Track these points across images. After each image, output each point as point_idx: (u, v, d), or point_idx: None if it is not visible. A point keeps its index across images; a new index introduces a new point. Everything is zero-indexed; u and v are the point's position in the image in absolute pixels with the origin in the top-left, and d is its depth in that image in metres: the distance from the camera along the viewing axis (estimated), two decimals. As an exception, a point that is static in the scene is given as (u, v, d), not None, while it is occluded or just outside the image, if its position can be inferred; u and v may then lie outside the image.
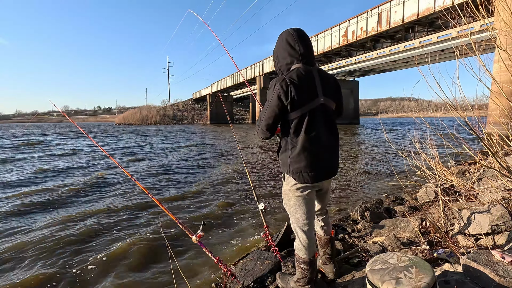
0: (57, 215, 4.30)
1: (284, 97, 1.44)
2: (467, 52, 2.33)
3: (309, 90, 1.49)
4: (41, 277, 2.67)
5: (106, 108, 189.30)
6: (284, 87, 1.43)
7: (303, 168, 1.50)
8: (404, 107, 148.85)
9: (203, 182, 6.49)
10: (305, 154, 1.49)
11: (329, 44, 26.94)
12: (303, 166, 1.49)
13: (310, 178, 1.52)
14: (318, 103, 1.51)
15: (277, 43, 1.63)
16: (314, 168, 1.51)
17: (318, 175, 1.54)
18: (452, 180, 2.94)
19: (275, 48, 1.64)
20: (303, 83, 1.47)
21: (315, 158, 1.51)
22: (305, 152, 1.49)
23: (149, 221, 4.06)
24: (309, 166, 1.50)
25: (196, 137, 21.77)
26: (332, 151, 1.59)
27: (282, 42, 1.58)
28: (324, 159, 1.55)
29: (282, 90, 1.44)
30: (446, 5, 15.64)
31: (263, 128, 1.57)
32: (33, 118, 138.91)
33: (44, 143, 17.11)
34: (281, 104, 1.46)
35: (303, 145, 1.48)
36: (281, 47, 1.59)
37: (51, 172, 7.81)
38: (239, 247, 3.19)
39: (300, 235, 1.63)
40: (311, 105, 1.49)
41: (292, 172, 1.53)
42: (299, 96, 1.45)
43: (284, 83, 1.44)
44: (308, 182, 1.53)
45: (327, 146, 1.55)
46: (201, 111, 71.40)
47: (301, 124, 1.48)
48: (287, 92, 1.43)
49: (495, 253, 1.55)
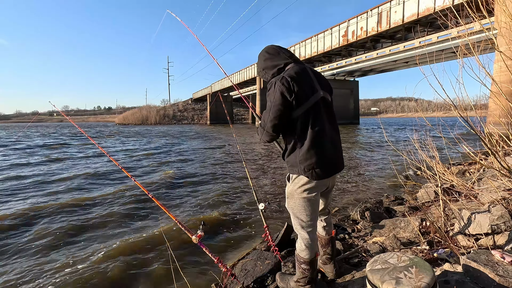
0: (57, 214, 4.30)
1: (288, 93, 1.43)
2: (467, 53, 2.33)
3: (309, 85, 1.51)
4: (40, 276, 2.67)
5: (106, 108, 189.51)
6: (286, 84, 1.43)
7: (315, 164, 1.48)
8: (404, 107, 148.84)
9: (203, 182, 6.48)
10: (315, 150, 1.48)
11: (329, 44, 26.94)
12: (314, 162, 1.47)
13: (322, 174, 1.50)
14: (319, 97, 1.52)
15: (259, 62, 1.67)
16: (325, 163, 1.50)
17: (329, 169, 1.54)
18: (452, 180, 2.94)
19: (259, 65, 1.67)
20: (302, 78, 1.49)
21: (324, 153, 1.50)
22: (314, 148, 1.48)
23: (149, 221, 4.06)
24: (320, 161, 1.49)
25: (197, 138, 21.76)
26: (336, 144, 1.61)
27: (265, 56, 1.63)
28: (331, 153, 1.54)
29: (284, 87, 1.43)
30: (446, 5, 15.66)
31: (270, 130, 1.52)
32: (33, 118, 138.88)
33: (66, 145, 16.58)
34: (286, 102, 1.44)
35: (311, 141, 1.47)
36: (267, 60, 1.63)
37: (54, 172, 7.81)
38: (239, 247, 3.19)
39: (303, 236, 1.62)
40: (313, 100, 1.49)
41: (304, 170, 1.49)
42: (302, 91, 1.45)
43: (284, 80, 1.44)
44: (321, 177, 1.51)
45: (332, 140, 1.56)
46: (201, 111, 71.39)
47: (307, 120, 1.48)
48: (289, 88, 1.43)
49: (495, 253, 1.55)
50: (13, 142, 18.73)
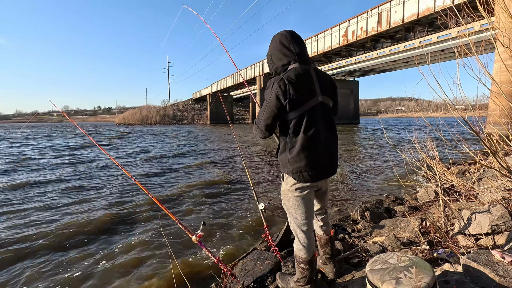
0: (56, 215, 4.30)
1: (283, 97, 1.43)
2: (467, 53, 2.32)
3: (308, 89, 1.49)
4: (37, 276, 2.67)
5: (106, 108, 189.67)
6: (283, 87, 1.43)
7: (303, 168, 1.50)
8: (404, 107, 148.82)
9: (203, 182, 6.48)
10: (305, 153, 1.48)
11: (329, 44, 26.95)
12: (303, 165, 1.49)
13: (310, 178, 1.52)
14: (317, 101, 1.51)
15: (270, 45, 1.62)
16: (314, 168, 1.51)
17: (317, 174, 1.54)
18: (452, 180, 2.94)
19: (269, 51, 1.63)
20: (301, 82, 1.47)
21: (315, 157, 1.51)
22: (305, 151, 1.48)
23: (149, 220, 4.06)
24: (309, 165, 1.50)
25: (198, 138, 21.76)
26: (331, 149, 1.59)
27: (276, 44, 1.57)
28: (323, 158, 1.54)
29: (280, 90, 1.43)
30: (446, 5, 15.66)
31: (262, 128, 1.55)
32: (33, 118, 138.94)
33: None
34: (279, 104, 1.45)
35: (302, 145, 1.48)
36: (275, 49, 1.58)
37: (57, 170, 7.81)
38: (239, 247, 3.19)
39: (299, 235, 1.64)
40: (310, 104, 1.49)
41: (292, 172, 1.52)
42: (298, 96, 1.45)
43: (282, 82, 1.43)
44: (308, 181, 1.53)
45: (326, 145, 1.55)
46: (201, 111, 71.38)
47: (300, 123, 1.48)
48: (285, 92, 1.43)
49: (495, 253, 1.55)
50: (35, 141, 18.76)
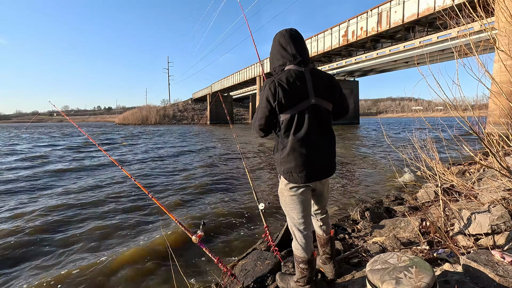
0: (57, 213, 4.30)
1: (272, 99, 1.47)
2: (467, 53, 2.32)
3: (298, 92, 1.49)
4: (37, 277, 2.67)
5: (106, 108, 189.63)
6: (272, 89, 1.46)
7: (293, 169, 1.52)
8: (404, 107, 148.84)
9: (203, 182, 6.48)
10: (295, 154, 1.50)
11: (329, 44, 26.95)
12: (293, 166, 1.51)
13: (300, 179, 1.53)
14: (308, 104, 1.51)
15: (272, 44, 1.64)
16: (304, 169, 1.51)
17: (308, 175, 1.54)
18: (452, 180, 2.94)
19: (271, 50, 1.66)
20: (292, 85, 1.48)
21: (305, 159, 1.51)
22: (295, 152, 1.50)
23: (149, 221, 4.06)
24: (299, 166, 1.50)
25: (198, 138, 21.76)
26: (324, 151, 1.57)
27: (275, 44, 1.61)
28: (315, 160, 1.53)
29: (270, 92, 1.46)
30: (446, 5, 15.65)
31: (257, 128, 1.60)
32: (33, 118, 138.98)
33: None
34: (269, 106, 1.49)
35: (292, 146, 1.50)
36: (274, 49, 1.61)
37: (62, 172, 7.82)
38: (239, 247, 3.19)
39: (296, 234, 1.64)
40: (300, 107, 1.49)
41: (283, 172, 1.56)
42: (287, 98, 1.46)
43: (272, 85, 1.47)
44: (298, 182, 1.54)
45: (318, 146, 1.54)
46: (201, 111, 71.39)
47: (290, 125, 1.50)
48: (274, 94, 1.46)
49: (495, 253, 1.55)
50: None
